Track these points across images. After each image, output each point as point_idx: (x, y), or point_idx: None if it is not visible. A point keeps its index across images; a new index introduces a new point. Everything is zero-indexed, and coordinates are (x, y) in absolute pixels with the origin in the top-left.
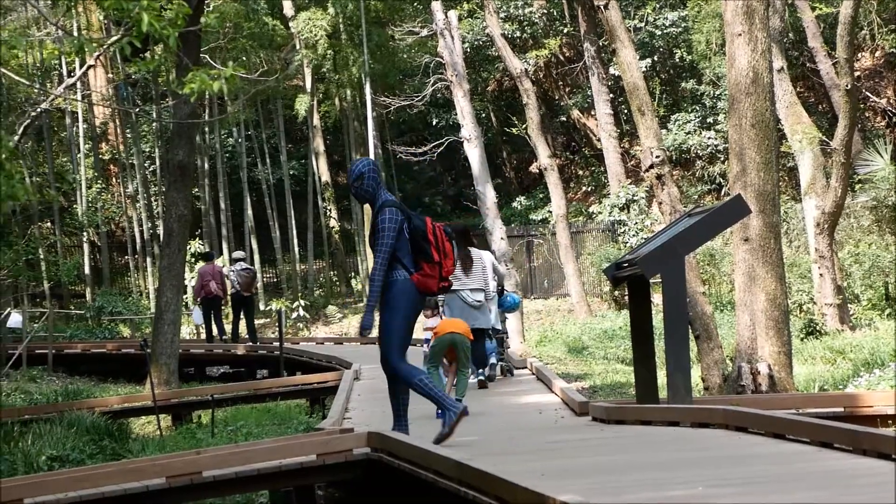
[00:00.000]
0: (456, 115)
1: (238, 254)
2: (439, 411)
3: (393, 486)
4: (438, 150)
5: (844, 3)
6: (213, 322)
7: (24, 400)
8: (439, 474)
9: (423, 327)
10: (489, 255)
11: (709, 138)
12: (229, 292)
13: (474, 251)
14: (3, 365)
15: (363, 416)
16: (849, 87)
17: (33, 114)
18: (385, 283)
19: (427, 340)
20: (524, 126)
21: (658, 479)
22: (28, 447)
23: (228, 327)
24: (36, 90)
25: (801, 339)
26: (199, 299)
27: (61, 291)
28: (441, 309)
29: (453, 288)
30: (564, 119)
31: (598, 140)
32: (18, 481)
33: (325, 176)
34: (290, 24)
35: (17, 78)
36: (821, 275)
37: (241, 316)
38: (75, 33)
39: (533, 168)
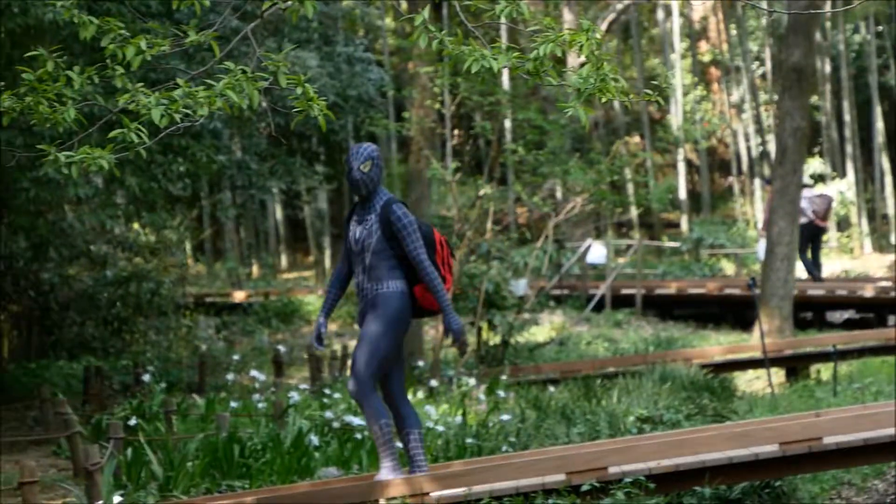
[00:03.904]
0: None
1: (808, 179)
2: None
3: None
4: None
5: None
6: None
7: (609, 349)
8: None
9: None
10: None
11: None
12: (801, 221)
13: None
14: (583, 307)
15: None
16: None
17: (619, 7)
18: (374, 291)
19: None
20: None
21: None
22: (613, 405)
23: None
24: None
25: None
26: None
27: (651, 220)
28: None
29: None
30: None
31: None
32: (603, 445)
33: None
34: None
35: None
36: None
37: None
38: None
39: None
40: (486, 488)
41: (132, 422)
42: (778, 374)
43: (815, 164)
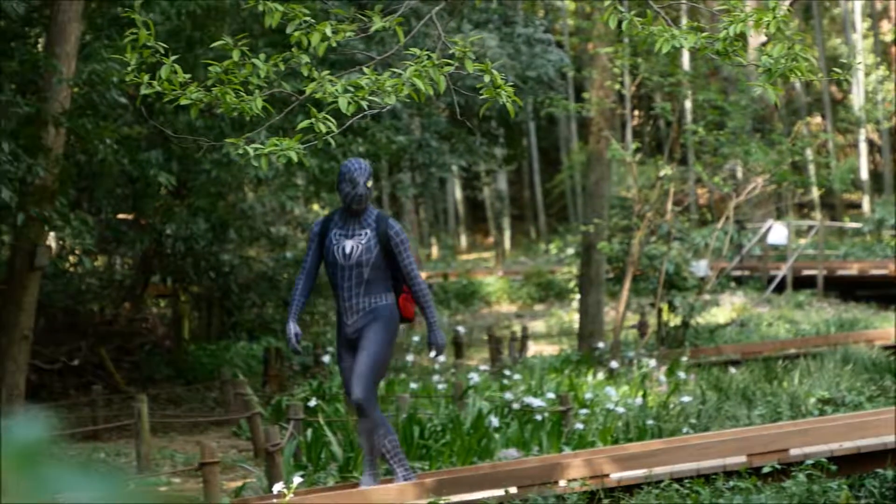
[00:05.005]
0: None
1: None
2: None
3: None
4: None
5: None
6: None
7: (790, 331)
8: None
9: None
10: None
11: None
12: None
13: None
14: (764, 288)
15: None
16: None
17: None
18: (372, 305)
19: None
20: None
21: None
22: (794, 387)
23: None
24: None
25: None
26: None
27: (833, 200)
28: None
29: None
30: None
31: None
32: (784, 427)
33: None
34: None
35: None
36: None
37: None
38: None
39: None
40: (666, 470)
41: (312, 403)
42: None
43: None
